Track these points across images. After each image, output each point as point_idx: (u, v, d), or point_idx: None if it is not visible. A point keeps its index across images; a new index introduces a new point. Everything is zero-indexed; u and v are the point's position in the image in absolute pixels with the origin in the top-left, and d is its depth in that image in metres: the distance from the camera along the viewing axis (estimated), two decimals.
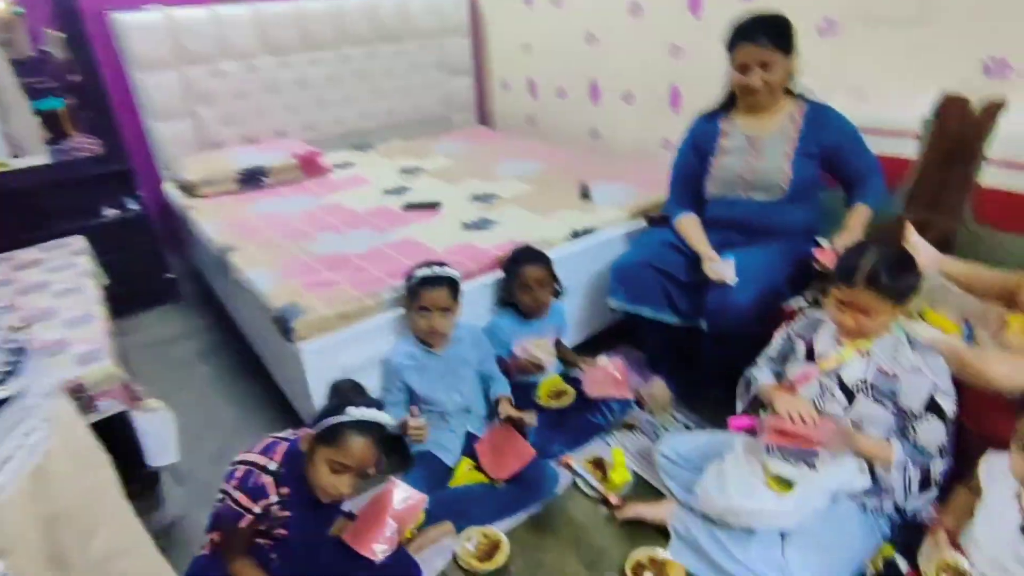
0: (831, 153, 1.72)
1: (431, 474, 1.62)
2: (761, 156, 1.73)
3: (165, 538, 1.57)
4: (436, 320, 1.66)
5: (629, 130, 2.96)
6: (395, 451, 1.70)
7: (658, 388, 1.94)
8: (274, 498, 1.21)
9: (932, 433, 1.30)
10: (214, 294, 2.68)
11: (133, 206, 2.69)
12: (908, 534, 1.34)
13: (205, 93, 2.90)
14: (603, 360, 1.79)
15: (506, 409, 1.67)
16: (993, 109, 1.72)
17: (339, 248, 2.07)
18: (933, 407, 1.29)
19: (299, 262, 1.98)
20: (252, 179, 2.74)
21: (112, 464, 1.15)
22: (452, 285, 1.68)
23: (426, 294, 1.64)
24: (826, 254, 1.61)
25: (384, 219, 2.31)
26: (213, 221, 2.37)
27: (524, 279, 1.83)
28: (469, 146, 3.24)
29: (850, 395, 1.35)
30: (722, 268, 1.69)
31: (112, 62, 2.72)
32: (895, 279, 1.24)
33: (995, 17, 1.72)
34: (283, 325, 1.64)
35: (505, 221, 2.20)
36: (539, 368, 1.83)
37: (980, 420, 1.33)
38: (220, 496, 1.21)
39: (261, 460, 1.22)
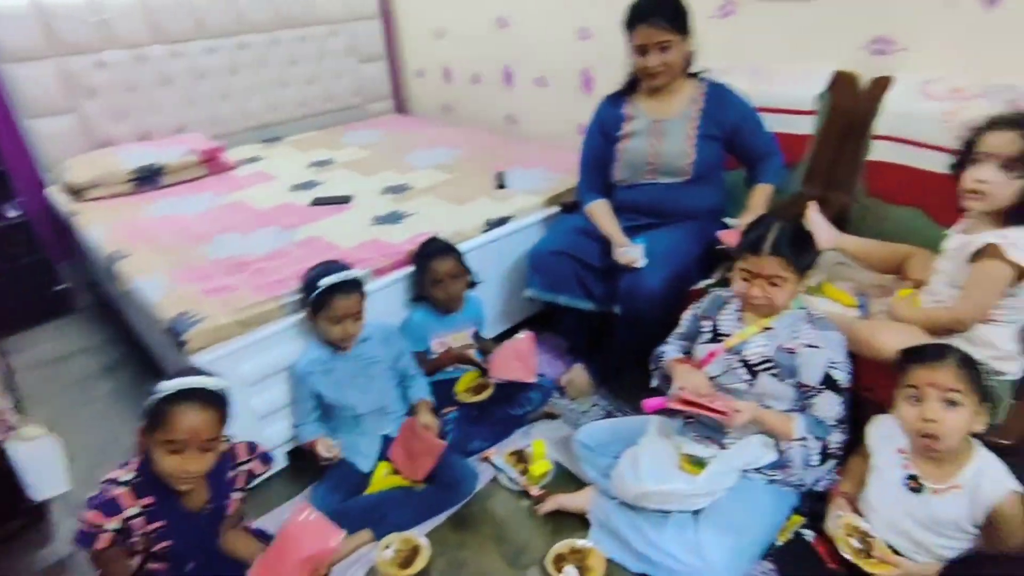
0: (731, 133, 1.74)
1: (346, 481, 1.56)
2: (665, 139, 1.73)
3: None
4: (350, 327, 1.59)
5: (544, 115, 2.93)
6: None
7: (577, 374, 1.94)
8: (133, 510, 1.13)
9: (829, 406, 1.34)
10: (111, 305, 2.50)
11: (12, 213, 2.46)
12: (814, 504, 1.39)
13: (89, 86, 2.67)
14: (516, 338, 1.77)
15: (423, 418, 1.63)
16: (880, 86, 1.78)
17: (240, 250, 1.95)
18: (828, 381, 1.33)
19: (195, 267, 1.85)
20: (147, 179, 2.55)
21: None
22: (358, 287, 1.60)
23: (339, 303, 1.55)
24: (731, 235, 1.63)
25: (290, 216, 2.20)
26: (101, 226, 2.20)
27: (435, 273, 1.77)
28: (385, 135, 3.14)
29: (753, 372, 1.37)
30: (631, 252, 1.69)
31: None
32: (798, 248, 1.27)
33: None
34: (176, 336, 1.53)
35: (418, 213, 2.13)
36: (470, 362, 1.80)
37: (875, 389, 1.38)
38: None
39: (116, 473, 1.15)
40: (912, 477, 1.20)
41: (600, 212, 1.84)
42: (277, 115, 3.26)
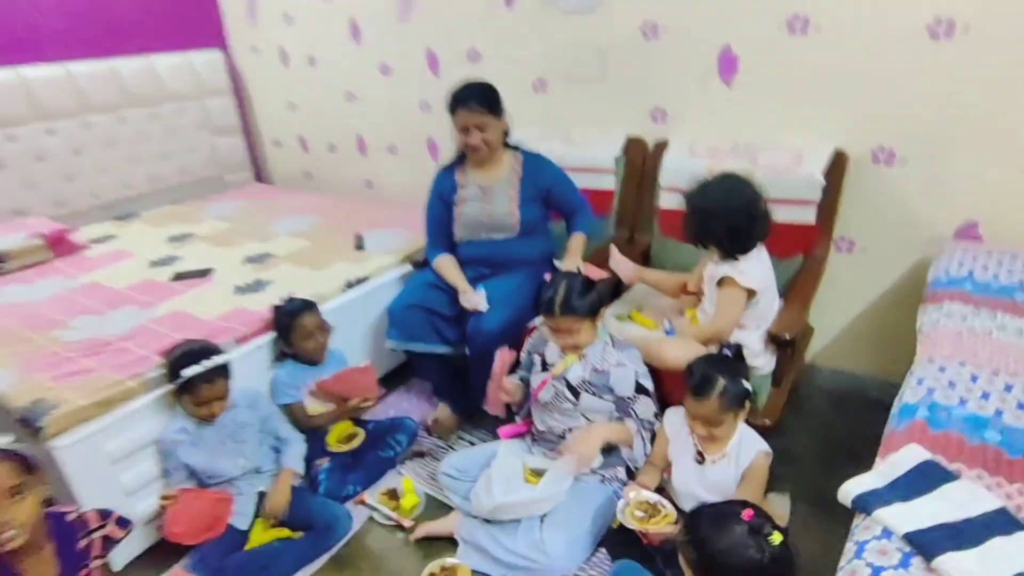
0: (547, 193, 2.07)
1: (224, 541, 1.63)
2: (492, 202, 2.03)
3: None
4: (215, 408, 1.68)
5: (396, 179, 3.19)
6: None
7: (443, 413, 2.15)
8: None
9: (646, 407, 1.66)
10: None
11: None
12: None
13: None
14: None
15: (273, 494, 1.72)
16: (660, 148, 2.22)
17: (97, 332, 1.97)
18: (640, 389, 1.65)
19: (47, 354, 1.85)
20: None
21: None
22: (224, 371, 1.70)
23: (204, 391, 1.64)
24: (591, 269, 1.93)
25: (150, 294, 2.24)
26: None
27: (303, 329, 1.92)
28: (245, 206, 3.22)
29: (576, 393, 1.66)
30: (474, 299, 1.95)
31: None
32: (582, 301, 1.58)
33: (653, 74, 2.22)
34: (30, 425, 1.55)
35: (279, 280, 2.26)
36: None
37: (674, 393, 1.71)
38: None
39: None
40: (699, 452, 1.52)
41: (446, 266, 2.09)
42: (129, 192, 3.23)
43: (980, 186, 1.78)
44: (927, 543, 0.84)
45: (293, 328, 1.93)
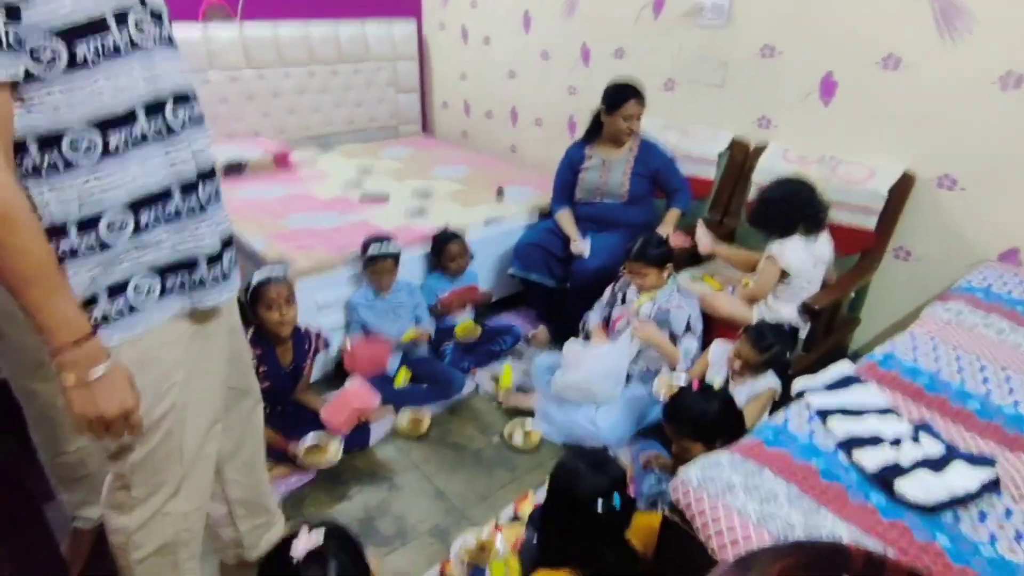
0: (655, 174, 2.59)
1: (380, 378, 2.37)
2: (609, 174, 2.58)
3: None
4: (385, 280, 2.42)
5: (537, 147, 3.80)
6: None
7: (541, 332, 2.76)
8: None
9: (690, 342, 2.17)
10: None
11: None
12: None
13: None
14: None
15: (409, 334, 2.43)
16: (759, 150, 2.64)
17: (311, 225, 2.78)
18: (689, 328, 2.16)
19: (281, 232, 2.68)
20: (234, 169, 3.39)
21: None
22: (395, 257, 2.43)
23: (379, 264, 2.38)
24: (677, 236, 2.46)
25: (345, 206, 3.03)
26: None
27: (449, 253, 2.60)
28: (413, 152, 3.99)
29: None
30: (581, 246, 2.53)
31: None
32: (652, 253, 2.11)
33: (764, 87, 2.64)
34: (279, 272, 2.35)
35: (437, 211, 2.96)
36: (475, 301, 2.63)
37: (720, 335, 2.20)
38: None
39: None
40: (728, 379, 2.01)
41: (564, 218, 2.68)
42: (330, 128, 4.12)
43: None
44: (827, 413, 1.33)
45: (442, 250, 2.61)
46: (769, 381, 1.93)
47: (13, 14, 0.79)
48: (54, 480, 1.62)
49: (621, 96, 2.47)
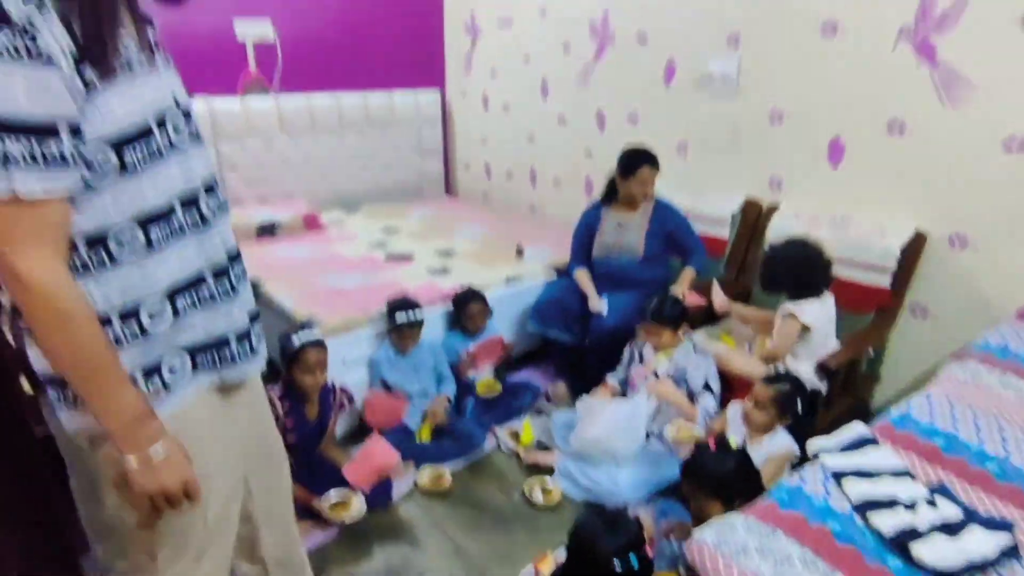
0: (670, 234, 2.67)
1: (403, 434, 2.42)
2: (626, 234, 2.67)
3: None
4: (408, 343, 2.51)
5: (556, 207, 3.93)
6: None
7: (560, 388, 2.80)
8: (279, 409, 2.02)
9: (708, 402, 2.19)
10: None
11: None
12: None
13: (232, 163, 3.76)
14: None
15: (433, 405, 2.48)
16: (771, 210, 2.72)
17: (339, 284, 2.90)
18: (707, 386, 2.19)
19: (310, 292, 2.79)
20: (267, 231, 3.57)
21: None
22: (419, 325, 2.52)
23: (405, 331, 2.48)
24: (692, 296, 2.53)
25: (371, 265, 3.16)
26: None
27: (469, 312, 2.68)
28: (436, 212, 4.15)
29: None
30: (598, 304, 2.59)
31: None
32: (668, 313, 2.17)
33: (774, 150, 2.74)
34: (309, 329, 2.44)
35: (459, 269, 3.07)
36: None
37: (737, 394, 2.22)
38: None
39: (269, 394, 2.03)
40: (745, 440, 2.02)
41: (582, 277, 2.76)
42: (357, 190, 4.31)
43: None
44: (842, 475, 1.35)
45: (463, 308, 2.70)
46: (786, 442, 1.93)
47: (77, 133, 0.87)
48: (90, 532, 1.67)
49: (635, 162, 2.59)
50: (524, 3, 3.76)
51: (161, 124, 0.98)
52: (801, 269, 2.07)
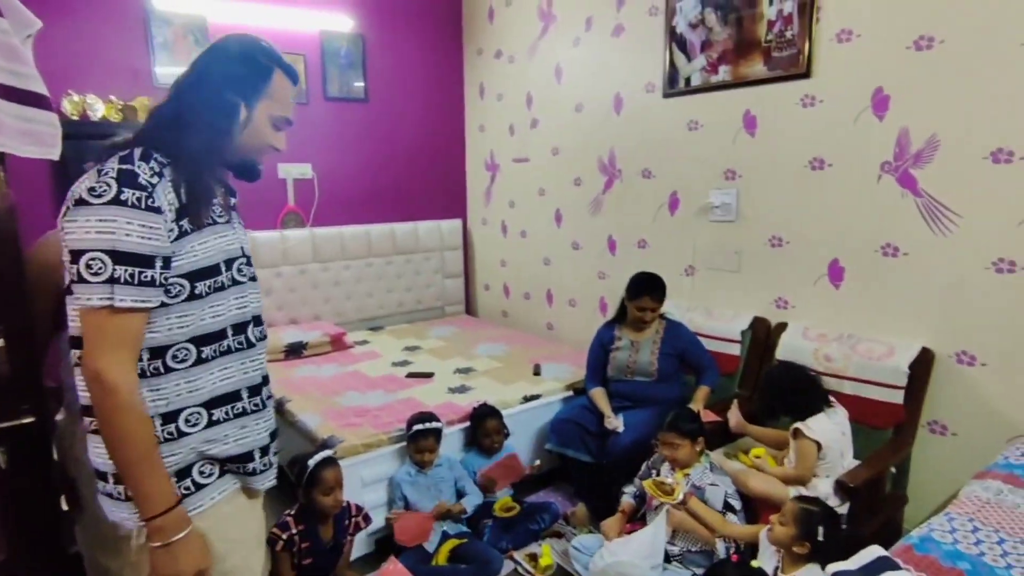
0: (682, 353, 2.75)
1: (420, 556, 2.38)
2: (639, 354, 2.76)
3: None
4: (427, 456, 2.54)
5: (572, 326, 4.06)
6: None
7: (580, 509, 2.76)
8: (294, 530, 2.03)
9: (733, 520, 2.15)
10: None
11: None
12: None
13: (267, 288, 4.01)
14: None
15: (452, 509, 2.49)
16: (780, 328, 2.80)
17: (361, 403, 2.98)
18: (728, 506, 2.16)
19: (334, 410, 2.88)
20: (295, 350, 3.72)
21: None
22: (437, 433, 2.58)
23: (422, 441, 2.53)
24: (708, 414, 2.56)
25: (392, 383, 3.25)
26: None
27: (486, 429, 2.73)
28: (457, 331, 4.30)
29: (682, 501, 2.22)
30: (614, 422, 2.63)
31: None
32: (685, 426, 2.20)
33: (777, 272, 2.87)
34: (329, 449, 2.50)
35: (478, 387, 3.14)
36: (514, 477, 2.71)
37: (758, 513, 2.18)
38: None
39: (287, 513, 2.09)
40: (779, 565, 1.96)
41: (597, 396, 2.82)
42: (381, 311, 4.52)
43: None
44: None
45: (480, 425, 2.74)
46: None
47: (167, 264, 1.12)
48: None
49: (637, 290, 2.74)
50: (538, 144, 4.14)
51: (228, 265, 1.22)
52: (790, 392, 2.15)
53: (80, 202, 1.05)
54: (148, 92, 3.48)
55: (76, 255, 1.04)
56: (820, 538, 1.82)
